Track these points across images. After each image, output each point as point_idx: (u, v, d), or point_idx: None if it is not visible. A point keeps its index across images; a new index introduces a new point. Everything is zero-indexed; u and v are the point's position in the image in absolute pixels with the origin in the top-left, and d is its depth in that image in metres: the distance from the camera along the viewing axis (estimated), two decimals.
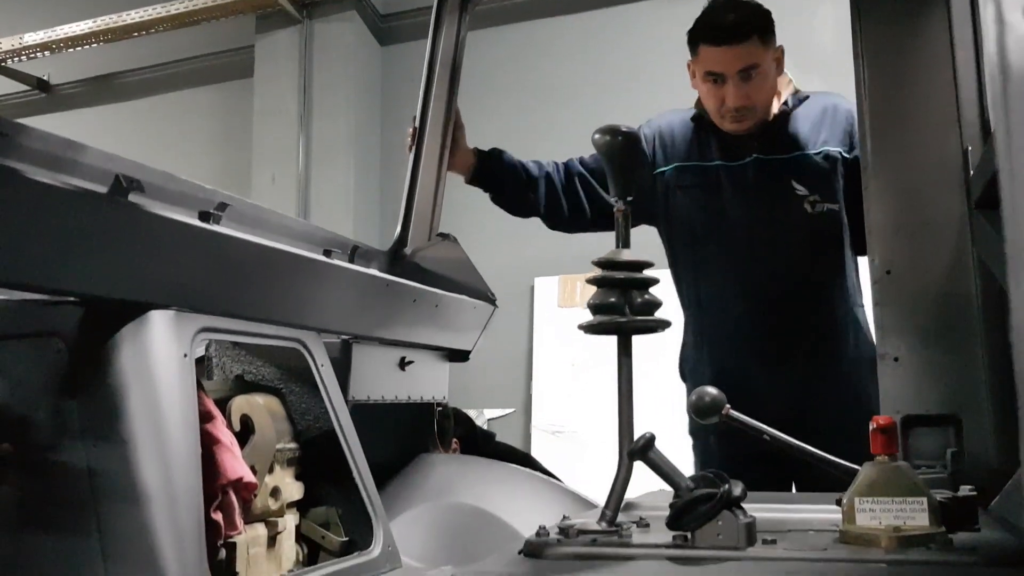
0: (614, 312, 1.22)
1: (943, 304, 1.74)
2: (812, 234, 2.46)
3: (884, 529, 1.03)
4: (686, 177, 2.56)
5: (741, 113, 2.44)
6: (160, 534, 1.37)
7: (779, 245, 2.46)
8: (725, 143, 2.52)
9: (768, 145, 2.49)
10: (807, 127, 2.50)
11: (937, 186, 1.77)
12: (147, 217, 1.40)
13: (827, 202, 2.45)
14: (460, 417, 3.54)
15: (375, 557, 1.84)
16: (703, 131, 2.56)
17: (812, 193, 2.44)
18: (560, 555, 1.08)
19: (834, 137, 2.49)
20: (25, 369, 1.47)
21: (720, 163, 2.52)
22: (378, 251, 2.52)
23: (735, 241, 2.51)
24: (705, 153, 2.55)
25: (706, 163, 2.54)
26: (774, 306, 2.47)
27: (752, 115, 2.46)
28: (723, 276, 2.53)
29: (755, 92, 2.42)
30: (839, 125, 2.49)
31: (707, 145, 2.55)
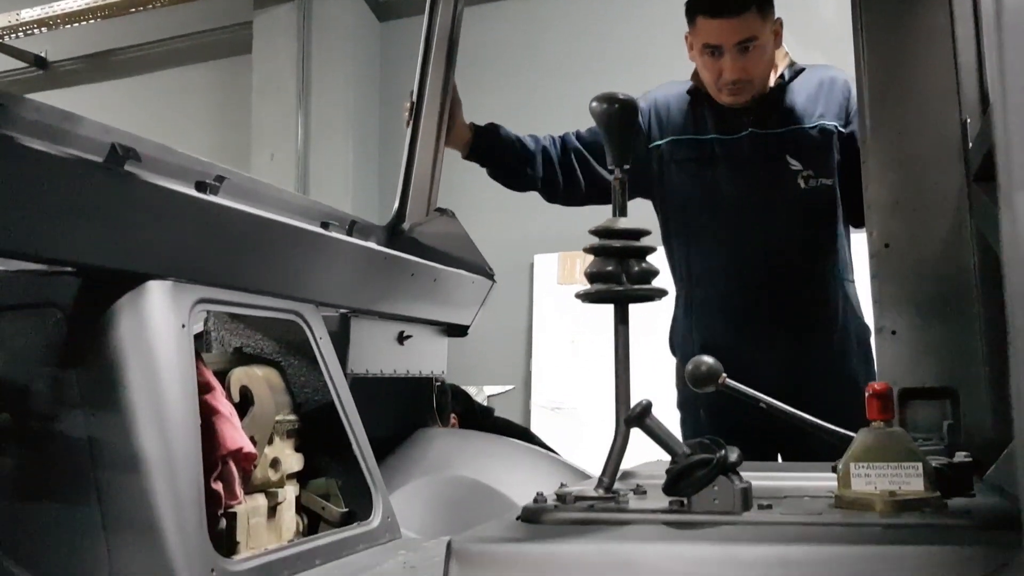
0: (611, 281, 1.22)
1: (941, 277, 1.74)
2: (804, 209, 2.46)
3: (879, 494, 1.04)
4: (681, 151, 2.55)
5: (738, 86, 2.41)
6: (160, 503, 1.38)
7: (771, 220, 2.45)
8: (721, 116, 2.51)
9: (764, 119, 2.48)
10: (803, 100, 2.46)
11: (936, 159, 1.77)
12: (143, 186, 1.40)
13: (821, 177, 2.44)
14: (458, 393, 3.55)
15: (374, 527, 1.86)
16: (699, 104, 2.55)
17: (806, 168, 2.44)
18: (557, 520, 1.09)
19: (830, 111, 2.47)
20: (24, 340, 1.47)
21: (715, 137, 2.51)
22: (376, 226, 2.52)
23: (728, 215, 2.50)
24: (701, 127, 2.53)
25: (701, 136, 2.52)
26: (764, 280, 2.46)
27: (749, 88, 2.43)
28: (714, 250, 2.53)
29: (752, 65, 2.40)
30: (836, 98, 2.48)
31: (703, 119, 2.53)
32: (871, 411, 1.11)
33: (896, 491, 1.04)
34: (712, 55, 2.40)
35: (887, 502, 1.02)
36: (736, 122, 2.48)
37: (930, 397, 1.69)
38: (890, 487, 1.04)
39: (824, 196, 2.45)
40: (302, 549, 1.64)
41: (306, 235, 1.85)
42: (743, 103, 2.46)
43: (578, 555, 0.98)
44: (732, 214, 2.49)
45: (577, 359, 5.55)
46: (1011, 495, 1.13)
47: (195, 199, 1.52)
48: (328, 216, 2.12)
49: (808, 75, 2.51)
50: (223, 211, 1.59)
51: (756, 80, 2.43)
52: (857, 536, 0.96)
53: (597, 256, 1.23)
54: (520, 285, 5.81)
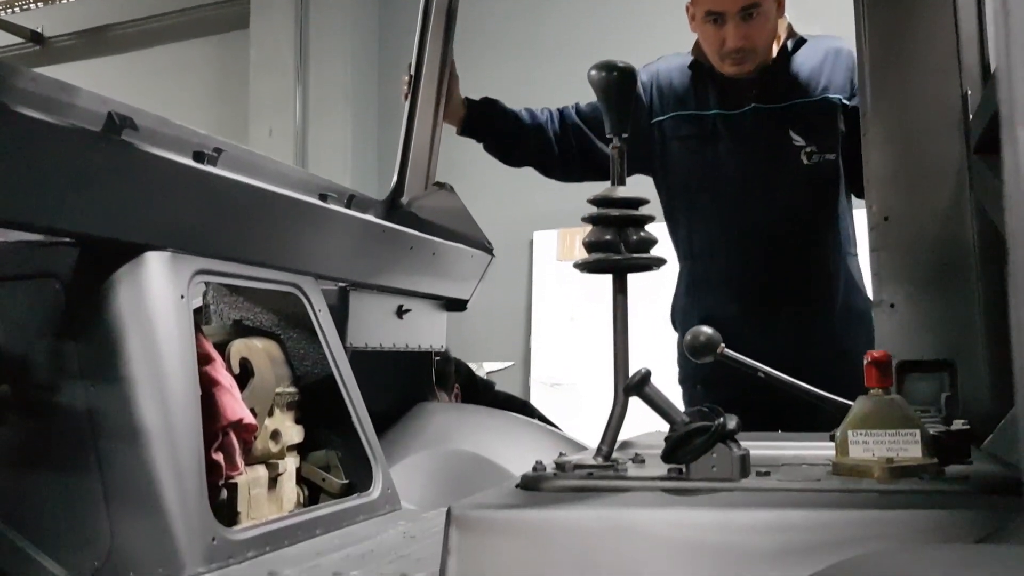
0: (609, 250, 1.22)
1: (940, 250, 1.74)
2: (807, 184, 2.44)
3: (877, 460, 1.04)
4: (683, 126, 2.52)
5: (741, 54, 2.38)
6: (160, 473, 1.39)
7: (773, 196, 2.44)
8: (723, 91, 2.48)
9: (767, 92, 2.45)
10: (807, 72, 2.43)
11: (936, 131, 1.76)
12: (140, 156, 1.39)
13: (824, 152, 2.42)
14: (460, 366, 3.57)
15: (375, 499, 1.87)
16: (701, 78, 2.52)
17: (809, 143, 2.42)
18: (556, 488, 1.09)
19: (835, 82, 2.45)
20: (23, 310, 1.48)
21: (718, 112, 2.49)
22: (375, 199, 2.52)
23: (730, 191, 2.49)
24: (703, 102, 2.50)
25: (703, 112, 2.50)
26: (766, 256, 2.45)
27: (752, 57, 2.39)
28: (717, 225, 2.52)
29: (755, 32, 2.36)
30: (841, 70, 2.45)
31: (705, 93, 2.51)
32: (869, 379, 1.11)
33: (894, 458, 1.04)
34: (715, 23, 2.37)
35: (884, 468, 1.03)
36: (739, 96, 2.46)
37: (928, 370, 1.70)
38: (888, 454, 1.05)
39: (827, 171, 2.43)
40: (303, 519, 1.65)
41: (305, 207, 1.85)
42: (746, 73, 2.43)
43: (576, 521, 0.98)
44: (734, 190, 2.47)
45: (576, 335, 5.56)
46: (1009, 462, 1.14)
47: (193, 169, 1.52)
48: (326, 189, 2.11)
49: (812, 45, 2.48)
50: (221, 182, 1.59)
51: (759, 49, 2.40)
52: (854, 501, 0.96)
53: (595, 225, 1.23)
54: (520, 262, 5.81)
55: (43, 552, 1.41)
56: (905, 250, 1.75)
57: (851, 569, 0.80)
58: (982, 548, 0.84)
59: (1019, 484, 0.97)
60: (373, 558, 1.48)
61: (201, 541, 1.40)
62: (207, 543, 1.40)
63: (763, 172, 2.44)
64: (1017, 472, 1.04)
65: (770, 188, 2.44)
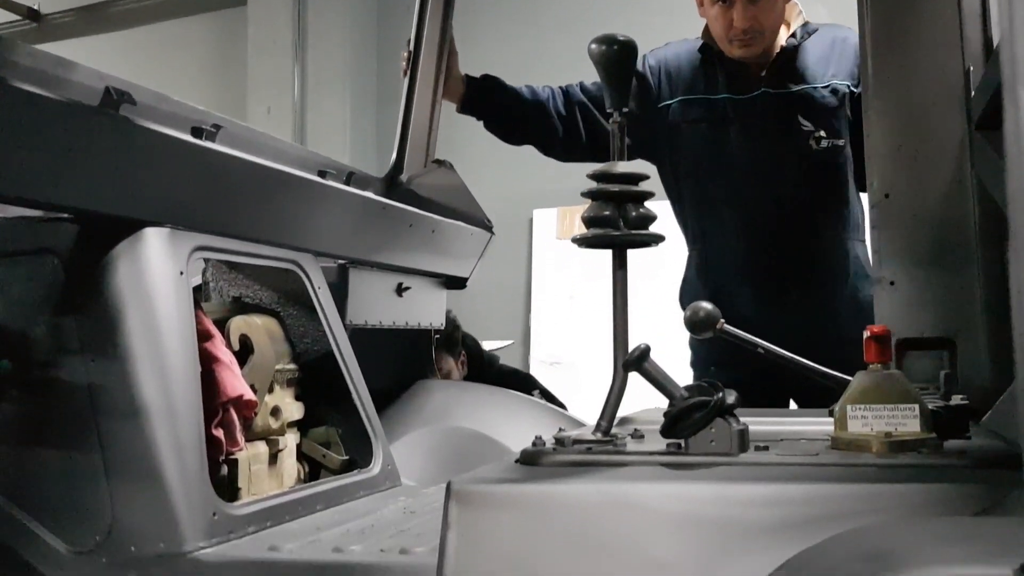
0: (608, 225, 1.21)
1: (941, 227, 1.73)
2: (815, 170, 2.43)
3: (875, 435, 1.04)
4: (692, 111, 2.52)
5: (749, 36, 2.39)
6: (161, 448, 1.39)
7: (782, 181, 2.45)
8: (733, 76, 2.48)
9: (776, 79, 2.42)
10: (815, 60, 2.44)
11: (938, 107, 1.76)
12: (138, 131, 1.38)
13: (832, 138, 2.42)
14: (467, 337, 3.59)
15: (375, 475, 1.87)
16: (710, 63, 2.52)
17: (818, 129, 2.42)
18: (555, 462, 1.09)
19: (843, 70, 2.44)
20: (22, 287, 1.48)
21: (727, 96, 2.48)
22: (374, 177, 2.51)
23: (739, 175, 2.49)
24: (712, 86, 2.50)
25: (713, 96, 2.50)
26: (775, 240, 2.46)
27: (760, 39, 2.40)
28: (727, 210, 2.52)
29: (763, 14, 2.37)
30: (848, 58, 2.45)
31: (714, 78, 2.50)
32: (869, 354, 1.11)
33: (892, 432, 1.04)
34: (723, 4, 2.38)
35: (883, 443, 1.03)
36: (748, 82, 2.46)
37: (928, 347, 1.70)
38: (886, 428, 1.05)
39: (835, 157, 2.45)
40: (303, 495, 1.66)
41: (303, 184, 1.84)
42: (754, 56, 2.43)
43: (575, 495, 0.98)
44: (743, 175, 2.48)
45: (576, 314, 5.56)
46: (1007, 438, 1.14)
47: (191, 145, 1.51)
48: (325, 166, 2.11)
49: (821, 34, 2.49)
50: (219, 158, 1.58)
51: (767, 31, 2.40)
52: (853, 475, 0.97)
53: (594, 200, 1.23)
54: (519, 240, 5.80)
55: (44, 527, 1.42)
56: (905, 227, 1.75)
57: (849, 542, 0.81)
58: (980, 521, 0.84)
59: (1017, 458, 0.98)
60: (373, 533, 1.49)
61: (202, 516, 1.40)
62: (208, 518, 1.41)
63: (772, 156, 2.45)
64: (1015, 447, 1.04)
65: (779, 172, 2.45)
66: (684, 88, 2.53)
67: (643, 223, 1.23)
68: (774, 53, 2.44)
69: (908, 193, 1.75)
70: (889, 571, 0.68)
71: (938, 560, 0.68)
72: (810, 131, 2.42)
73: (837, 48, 2.47)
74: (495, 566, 0.96)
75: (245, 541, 1.45)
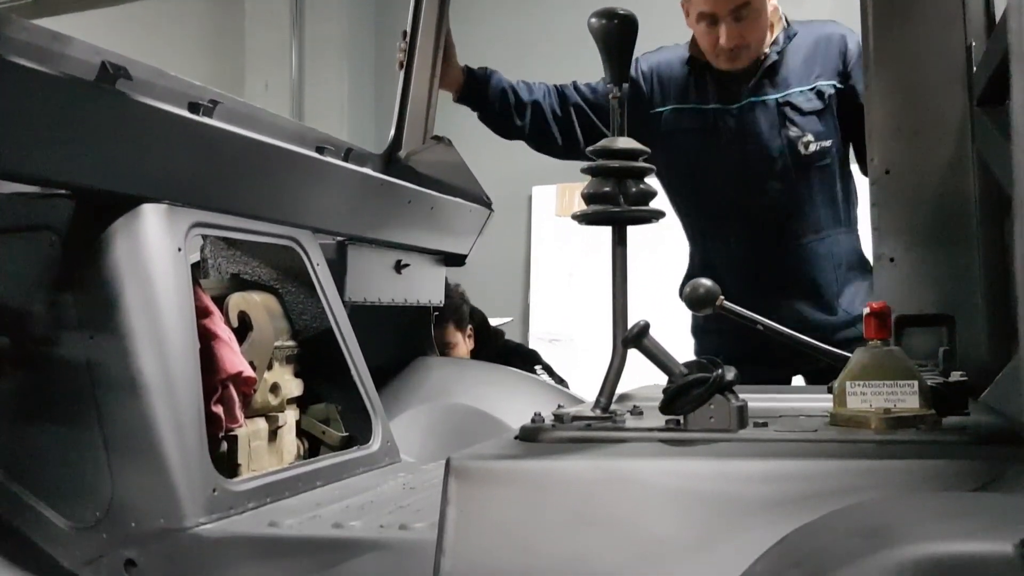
0: (608, 202, 1.21)
1: (941, 204, 1.73)
2: (807, 173, 2.50)
3: (874, 411, 1.04)
4: (684, 119, 2.58)
5: (735, 52, 2.45)
6: (160, 424, 1.39)
7: (774, 186, 2.52)
8: (721, 85, 2.52)
9: (761, 86, 2.50)
10: (799, 63, 2.51)
11: (939, 83, 1.75)
12: (135, 106, 1.38)
13: (820, 140, 2.49)
14: (475, 311, 3.61)
15: (374, 451, 1.88)
16: (699, 73, 2.58)
17: (805, 134, 2.48)
18: (554, 439, 1.10)
19: (827, 70, 2.50)
20: (19, 263, 1.47)
21: (717, 106, 2.55)
22: (372, 153, 2.50)
23: (733, 182, 2.55)
24: (702, 95, 2.57)
25: (703, 106, 2.56)
26: (771, 243, 2.53)
27: (746, 52, 2.46)
28: (722, 215, 2.59)
29: (748, 31, 2.43)
30: (831, 56, 2.50)
31: (704, 87, 2.57)
32: (868, 330, 1.11)
33: (891, 408, 1.05)
34: (708, 23, 2.43)
35: (882, 419, 1.03)
36: (735, 91, 2.52)
37: (927, 324, 1.70)
38: (885, 404, 1.05)
39: (823, 158, 2.51)
40: (303, 471, 1.66)
41: (302, 160, 1.83)
42: (741, 67, 2.49)
43: (574, 471, 0.99)
44: (736, 181, 2.54)
45: (575, 291, 5.56)
46: (1006, 414, 1.14)
47: (188, 120, 1.50)
48: (323, 142, 2.10)
49: (803, 36, 2.54)
50: (217, 133, 1.57)
51: (753, 44, 2.46)
52: (851, 451, 0.97)
53: (595, 176, 1.22)
54: (518, 217, 5.79)
55: (45, 503, 1.43)
56: (906, 204, 1.74)
57: (848, 518, 0.81)
58: (979, 496, 0.85)
59: (1016, 434, 0.98)
60: (373, 508, 1.49)
61: (202, 492, 1.41)
62: (208, 494, 1.41)
63: (763, 164, 2.51)
64: (1014, 423, 1.04)
65: (771, 179, 2.52)
66: (676, 96, 2.59)
67: (643, 199, 1.23)
68: (760, 62, 2.50)
69: (908, 170, 1.75)
70: (888, 547, 0.68)
71: (937, 536, 0.68)
72: (798, 136, 2.49)
73: (820, 48, 2.53)
74: (494, 541, 0.97)
75: (245, 517, 1.45)
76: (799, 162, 2.49)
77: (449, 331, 3.36)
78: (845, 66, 2.48)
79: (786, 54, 2.51)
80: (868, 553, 0.68)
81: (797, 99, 2.49)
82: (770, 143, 2.50)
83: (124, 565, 1.37)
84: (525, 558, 0.95)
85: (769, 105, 2.50)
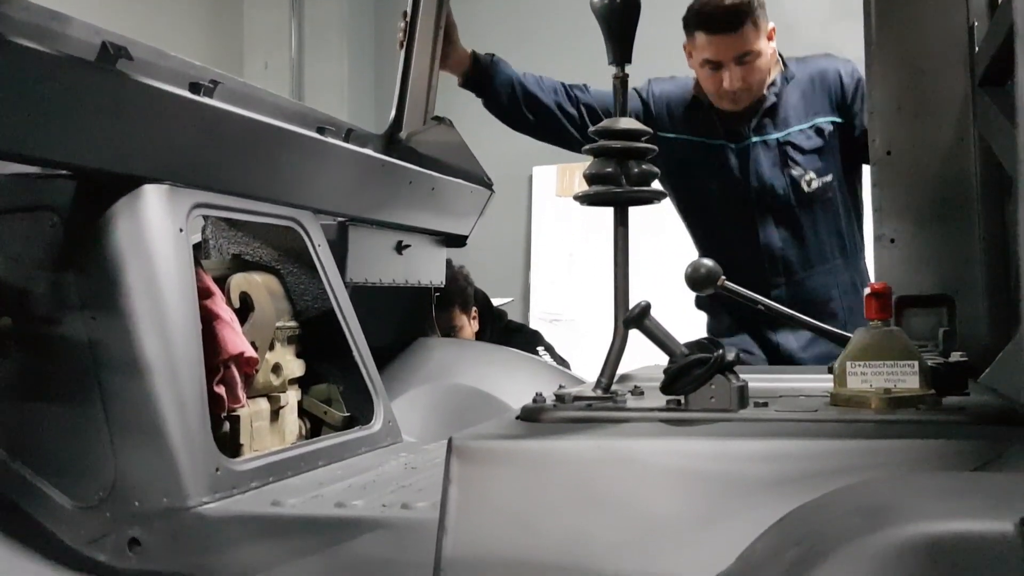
0: (610, 182, 1.21)
1: (942, 184, 1.73)
2: (811, 209, 2.61)
3: (875, 391, 1.05)
4: (692, 153, 2.66)
5: (739, 95, 2.54)
6: (163, 404, 1.40)
7: (780, 223, 2.62)
8: (726, 124, 2.61)
9: (763, 127, 2.60)
10: (797, 104, 2.60)
11: (941, 63, 1.74)
12: (136, 86, 1.37)
13: (822, 176, 2.59)
14: (479, 293, 3.62)
15: (376, 431, 1.89)
16: (704, 111, 2.65)
17: (807, 171, 2.58)
18: (555, 419, 1.10)
19: (824, 107, 2.59)
20: (21, 243, 1.47)
21: (722, 143, 2.63)
22: (373, 134, 2.49)
23: (739, 219, 2.65)
24: (709, 131, 2.65)
25: (712, 141, 2.65)
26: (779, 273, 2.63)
27: (748, 95, 2.56)
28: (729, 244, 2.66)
29: (751, 75, 2.52)
30: (828, 91, 2.60)
31: (710, 124, 2.63)
32: (869, 311, 1.12)
33: (891, 389, 1.05)
34: (712, 68, 2.53)
35: (882, 399, 1.04)
36: (738, 131, 2.62)
37: (928, 304, 1.70)
38: (885, 384, 1.06)
39: (825, 193, 2.62)
40: (305, 451, 1.67)
41: (302, 140, 1.83)
42: (743, 108, 2.58)
43: (575, 451, 0.99)
44: (743, 219, 2.64)
45: (576, 271, 5.57)
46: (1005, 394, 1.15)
47: (189, 100, 1.50)
48: (324, 123, 2.09)
49: (799, 75, 2.64)
50: (218, 114, 1.57)
51: (754, 87, 2.56)
52: (851, 431, 0.97)
53: (596, 157, 1.22)
54: (519, 197, 5.79)
55: (48, 482, 1.43)
56: (906, 185, 1.74)
57: (848, 497, 0.81)
58: (979, 476, 0.85)
59: (1016, 414, 0.98)
60: (375, 488, 1.50)
61: (204, 471, 1.41)
62: (210, 473, 1.42)
63: (767, 202, 2.62)
64: (1013, 403, 1.04)
65: (776, 217, 2.63)
66: (684, 127, 2.68)
67: (645, 179, 1.23)
68: (760, 103, 2.60)
69: (910, 150, 1.74)
70: (887, 526, 0.68)
71: (936, 515, 0.69)
72: (800, 175, 2.60)
73: (816, 85, 2.63)
74: (496, 521, 0.97)
75: (248, 496, 1.46)
76: (802, 199, 2.61)
77: (455, 314, 3.37)
78: (843, 99, 2.59)
79: (785, 95, 2.62)
80: (868, 532, 0.69)
81: (797, 138, 2.61)
82: (774, 181, 2.61)
83: (128, 544, 1.38)
84: (526, 537, 0.95)
85: (771, 145, 2.62)
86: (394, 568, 1.27)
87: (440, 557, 0.96)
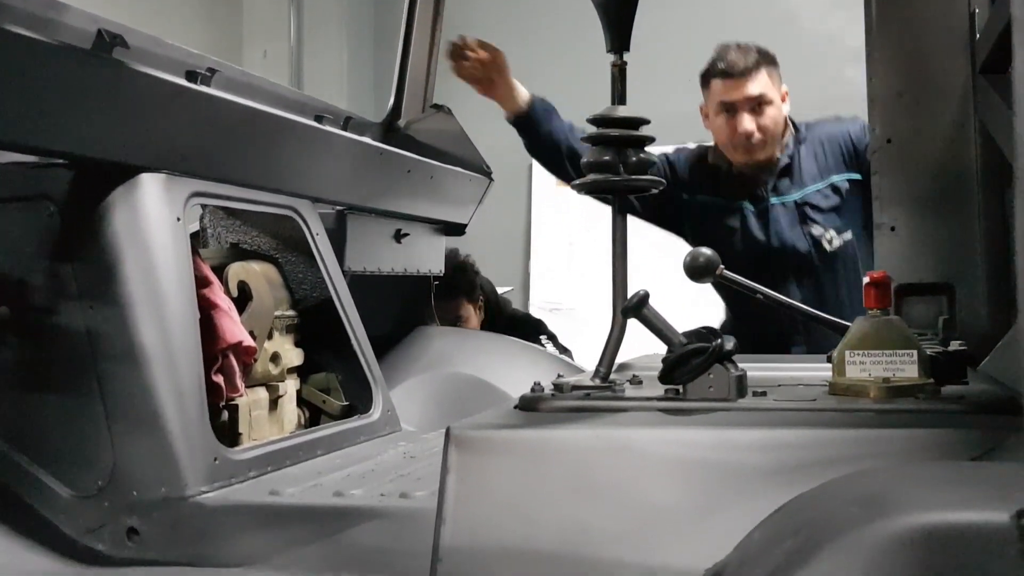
0: (608, 171, 1.20)
1: (942, 172, 1.72)
2: (832, 268, 2.65)
3: (873, 380, 1.05)
4: (714, 213, 2.69)
5: (753, 145, 2.59)
6: (161, 393, 1.39)
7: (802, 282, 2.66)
8: (745, 187, 2.66)
9: (780, 188, 2.65)
10: (811, 165, 2.66)
11: (941, 51, 1.73)
12: (132, 75, 1.36)
13: (842, 234, 2.63)
14: (485, 282, 3.62)
15: (375, 420, 1.89)
16: (723, 174, 2.70)
17: (827, 230, 2.63)
18: (554, 408, 1.10)
19: (837, 166, 2.65)
20: (18, 233, 1.47)
21: (743, 203, 2.66)
22: (371, 122, 2.49)
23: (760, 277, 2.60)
24: (730, 193, 2.68)
25: (732, 203, 2.68)
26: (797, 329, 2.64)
27: (762, 145, 2.60)
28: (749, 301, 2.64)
29: (764, 122, 2.58)
30: (839, 150, 2.66)
31: (731, 186, 2.68)
32: (868, 300, 1.11)
33: (890, 378, 1.05)
34: (727, 113, 2.58)
35: (881, 388, 1.03)
36: (757, 193, 2.67)
37: (927, 293, 1.69)
38: (884, 374, 1.05)
39: (849, 251, 2.66)
40: (304, 440, 1.67)
41: (300, 129, 1.82)
42: (757, 161, 2.62)
43: (574, 440, 0.99)
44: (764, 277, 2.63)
45: (575, 260, 5.56)
46: (1004, 383, 1.14)
47: (186, 89, 1.49)
48: (323, 111, 2.08)
49: (811, 137, 2.70)
50: (215, 102, 1.56)
51: (768, 137, 2.61)
52: (850, 420, 0.97)
53: (594, 145, 1.22)
54: (518, 187, 5.77)
55: (47, 472, 1.43)
56: (907, 173, 1.74)
57: (846, 486, 0.81)
58: (977, 466, 0.85)
59: (1015, 403, 0.98)
60: (374, 477, 1.50)
61: (203, 461, 1.41)
62: (209, 463, 1.42)
63: (789, 261, 2.66)
64: (1013, 392, 1.04)
65: (797, 276, 2.67)
66: (706, 187, 2.74)
67: (643, 168, 1.22)
68: (776, 165, 2.64)
69: (910, 138, 1.74)
70: (885, 515, 0.68)
71: (935, 505, 0.68)
72: (820, 234, 2.65)
73: (827, 146, 2.70)
74: (494, 510, 0.97)
75: (246, 485, 1.46)
76: (824, 258, 2.65)
77: (460, 304, 3.37)
78: (856, 155, 2.63)
79: (797, 156, 2.67)
80: (866, 522, 0.69)
81: (814, 198, 2.65)
82: (796, 241, 2.65)
83: (126, 533, 1.38)
84: (524, 526, 0.95)
85: (789, 205, 2.66)
86: (392, 557, 1.27)
87: (438, 546, 0.96)
